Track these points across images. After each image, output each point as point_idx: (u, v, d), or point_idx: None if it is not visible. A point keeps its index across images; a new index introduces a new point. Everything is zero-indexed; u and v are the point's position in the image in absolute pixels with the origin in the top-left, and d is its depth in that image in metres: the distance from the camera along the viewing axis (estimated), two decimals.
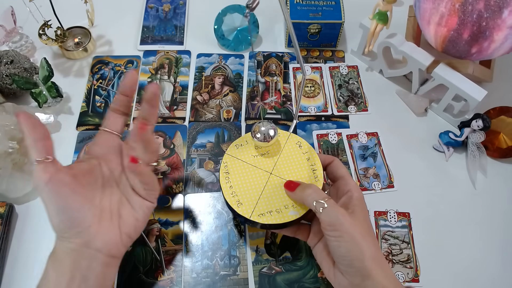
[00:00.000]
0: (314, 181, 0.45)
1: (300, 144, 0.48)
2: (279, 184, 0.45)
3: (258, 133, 0.45)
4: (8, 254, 0.50)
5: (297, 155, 0.47)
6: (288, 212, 0.43)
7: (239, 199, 0.44)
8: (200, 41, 0.69)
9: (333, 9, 0.64)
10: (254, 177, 0.46)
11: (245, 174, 0.46)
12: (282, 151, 0.47)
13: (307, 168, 0.46)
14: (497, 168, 0.58)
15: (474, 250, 0.51)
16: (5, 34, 0.64)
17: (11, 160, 0.52)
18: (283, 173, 0.46)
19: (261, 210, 0.43)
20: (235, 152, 0.47)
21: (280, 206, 0.44)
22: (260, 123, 0.45)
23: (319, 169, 0.46)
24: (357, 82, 0.65)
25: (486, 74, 0.59)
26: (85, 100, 0.62)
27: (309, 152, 0.47)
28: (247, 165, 0.46)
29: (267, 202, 0.44)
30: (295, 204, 0.44)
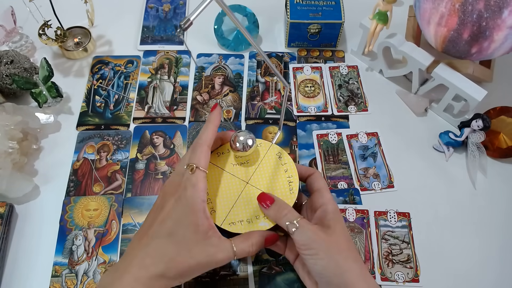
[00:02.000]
0: (289, 193, 0.46)
1: (280, 155, 0.48)
2: (253, 194, 0.46)
3: (237, 143, 0.45)
4: (8, 254, 0.50)
5: (276, 166, 0.48)
6: (258, 223, 0.44)
7: (213, 207, 0.45)
8: (200, 41, 0.69)
9: (333, 9, 0.64)
10: (230, 185, 0.46)
11: (222, 182, 0.46)
12: (261, 161, 0.48)
13: (284, 180, 0.46)
14: (497, 168, 0.58)
15: (474, 250, 0.51)
16: (5, 34, 0.64)
17: (11, 160, 0.52)
18: (259, 183, 0.47)
19: (233, 219, 0.44)
20: (215, 160, 0.48)
21: (252, 216, 0.44)
22: (239, 133, 0.46)
23: (295, 181, 0.46)
24: (357, 82, 0.65)
25: (486, 74, 0.59)
26: (85, 100, 0.62)
27: (288, 163, 0.48)
28: (225, 173, 0.47)
29: (240, 212, 0.45)
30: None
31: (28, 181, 0.54)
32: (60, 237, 0.51)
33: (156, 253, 0.38)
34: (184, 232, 0.39)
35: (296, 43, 0.68)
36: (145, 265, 0.38)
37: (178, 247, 0.39)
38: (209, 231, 0.40)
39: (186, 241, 0.39)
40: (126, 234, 0.51)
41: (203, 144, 0.43)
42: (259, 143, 0.49)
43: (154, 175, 0.56)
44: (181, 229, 0.39)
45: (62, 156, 0.57)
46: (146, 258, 0.38)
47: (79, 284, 0.48)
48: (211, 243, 0.40)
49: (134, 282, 0.37)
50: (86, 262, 0.49)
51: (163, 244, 0.39)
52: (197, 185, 0.40)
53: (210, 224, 0.40)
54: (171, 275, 0.38)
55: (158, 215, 0.41)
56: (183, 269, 0.39)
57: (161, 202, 0.42)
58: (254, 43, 0.38)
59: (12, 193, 0.52)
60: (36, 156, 0.57)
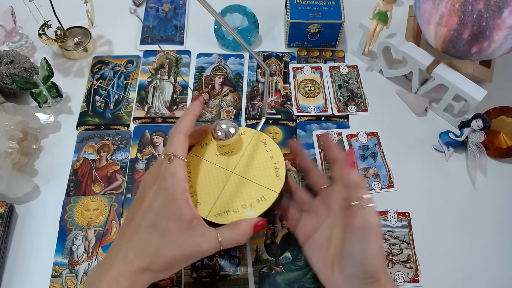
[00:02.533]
0: (275, 180, 0.45)
1: (265, 142, 0.47)
2: (239, 184, 0.44)
3: (218, 131, 0.44)
4: (8, 254, 0.50)
5: (261, 153, 0.46)
6: (245, 211, 0.43)
7: (198, 199, 0.44)
8: (200, 41, 0.69)
9: (333, 9, 0.64)
10: (215, 176, 0.45)
11: (206, 174, 0.45)
12: (246, 149, 0.47)
13: (270, 167, 0.45)
14: (497, 168, 0.58)
15: (474, 250, 0.51)
16: (5, 34, 0.64)
17: (11, 160, 0.52)
18: (245, 172, 0.45)
19: (218, 210, 0.43)
20: (198, 151, 0.47)
21: (238, 206, 0.43)
22: (221, 121, 0.44)
23: (282, 167, 0.45)
24: (357, 82, 0.65)
25: (486, 74, 0.59)
26: (85, 100, 0.62)
27: (274, 150, 0.47)
28: (209, 164, 0.46)
29: (226, 202, 0.43)
30: (253, 204, 0.43)
31: (28, 181, 0.54)
32: (60, 237, 0.51)
33: (140, 247, 0.38)
34: (167, 223, 0.38)
35: (296, 43, 0.68)
36: (129, 260, 0.37)
37: (162, 239, 0.38)
38: (193, 221, 0.39)
39: (170, 232, 0.38)
40: None
41: (179, 133, 0.42)
42: (243, 131, 0.48)
43: None
44: (164, 220, 0.38)
45: (62, 156, 0.57)
46: (130, 252, 0.38)
47: (79, 284, 0.48)
48: (196, 233, 0.39)
49: (119, 277, 0.36)
50: (86, 262, 0.49)
51: (146, 236, 0.38)
52: (176, 174, 0.39)
53: (194, 213, 0.40)
54: (156, 267, 0.37)
55: (139, 207, 0.40)
56: (168, 261, 0.38)
57: (141, 194, 0.41)
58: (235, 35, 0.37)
59: (12, 193, 0.52)
60: (36, 156, 0.57)
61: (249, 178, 0.45)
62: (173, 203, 0.38)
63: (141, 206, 0.40)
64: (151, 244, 0.38)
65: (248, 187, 0.44)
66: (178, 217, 0.38)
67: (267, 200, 0.43)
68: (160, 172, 0.40)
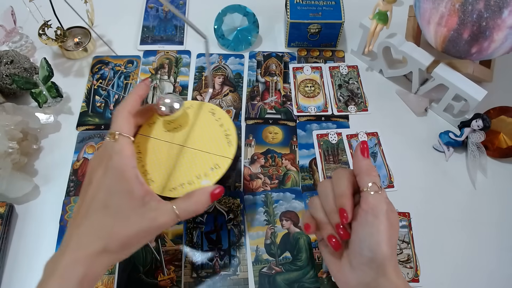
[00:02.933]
0: (227, 146, 0.44)
1: (214, 112, 0.47)
2: (191, 156, 0.44)
3: (161, 106, 0.43)
4: (8, 254, 0.50)
5: (210, 123, 0.46)
6: (200, 181, 0.42)
7: (151, 177, 0.43)
8: (200, 41, 0.69)
9: (333, 9, 0.64)
10: (165, 152, 0.44)
11: (156, 151, 0.44)
12: (195, 121, 0.46)
13: (221, 135, 0.45)
14: (497, 168, 0.58)
15: (474, 250, 0.51)
16: (5, 34, 0.64)
17: (11, 160, 0.52)
18: (196, 143, 0.45)
19: (173, 185, 0.42)
20: (147, 131, 0.46)
21: (192, 177, 0.42)
22: (164, 96, 0.43)
23: (233, 134, 0.45)
24: (357, 82, 0.65)
25: (486, 74, 0.59)
26: (85, 100, 0.62)
27: (223, 118, 0.46)
28: (159, 141, 0.45)
29: (180, 176, 0.43)
30: (207, 173, 0.42)
31: (28, 181, 0.54)
32: (60, 237, 0.51)
33: (92, 230, 0.36)
34: (119, 202, 0.37)
35: (296, 43, 0.69)
36: (82, 244, 0.36)
37: (115, 218, 0.36)
38: (145, 197, 0.38)
39: (122, 210, 0.37)
40: None
41: (123, 110, 0.41)
42: (190, 105, 0.47)
43: None
44: (115, 199, 0.37)
45: (62, 156, 0.57)
46: (82, 237, 0.36)
47: None
48: (150, 208, 0.38)
49: (74, 263, 0.35)
50: None
51: (98, 218, 0.37)
52: (122, 152, 0.38)
53: (146, 189, 0.39)
54: (113, 248, 0.36)
55: (87, 191, 0.38)
56: (125, 240, 0.36)
57: (88, 178, 0.39)
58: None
59: (12, 193, 0.52)
60: (36, 156, 0.57)
61: (200, 149, 0.44)
62: (123, 180, 0.37)
63: (89, 189, 0.38)
64: (104, 225, 0.36)
65: (200, 157, 0.44)
66: (130, 194, 0.37)
67: (221, 167, 0.43)
68: (105, 153, 0.39)
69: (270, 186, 0.55)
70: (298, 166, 0.57)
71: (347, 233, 0.39)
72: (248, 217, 0.53)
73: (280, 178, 0.56)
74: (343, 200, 0.39)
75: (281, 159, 0.58)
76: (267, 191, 0.55)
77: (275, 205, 0.54)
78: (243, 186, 0.55)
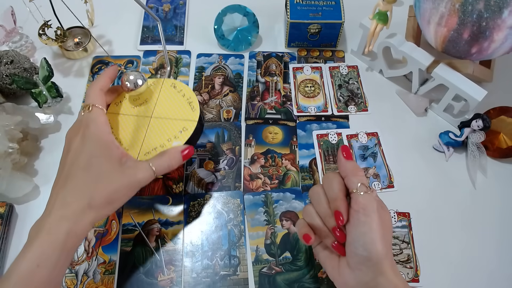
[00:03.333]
0: (191, 111, 0.48)
1: (175, 85, 0.51)
2: (160, 124, 0.48)
3: (126, 82, 0.47)
4: (8, 254, 0.50)
5: (173, 95, 0.50)
6: (172, 143, 0.46)
7: (125, 147, 0.47)
8: (200, 41, 0.69)
9: (333, 9, 0.64)
10: (136, 125, 0.48)
11: (127, 125, 0.48)
12: (159, 95, 0.50)
13: (184, 103, 0.49)
14: (497, 168, 0.58)
15: (474, 250, 0.51)
16: (5, 34, 0.64)
17: (11, 160, 0.52)
18: (163, 113, 0.49)
19: (147, 149, 0.46)
20: (115, 109, 0.50)
21: (163, 141, 0.46)
22: (128, 73, 0.47)
23: (195, 101, 0.49)
24: (357, 82, 0.65)
25: (486, 74, 0.59)
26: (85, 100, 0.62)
27: (184, 89, 0.50)
28: (128, 116, 0.49)
29: (151, 142, 0.47)
30: (177, 135, 0.47)
31: (28, 181, 0.54)
32: None
33: (76, 188, 0.39)
34: (99, 163, 0.40)
35: (296, 43, 0.69)
36: (67, 203, 0.38)
37: (97, 178, 0.39)
38: (122, 158, 0.42)
39: (103, 170, 0.40)
40: (126, 234, 0.51)
41: (95, 87, 0.45)
42: (152, 82, 0.51)
43: None
44: (95, 161, 0.40)
45: None
46: (67, 196, 0.38)
47: (79, 284, 0.48)
48: (128, 166, 0.41)
49: (59, 221, 0.37)
50: (86, 262, 0.49)
51: (81, 179, 0.39)
52: (98, 119, 0.42)
53: (122, 152, 0.43)
54: (97, 204, 0.38)
55: (66, 158, 0.41)
56: (108, 195, 0.39)
57: (67, 147, 0.43)
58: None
59: (12, 193, 0.52)
60: (36, 156, 0.57)
61: (167, 117, 0.48)
62: (100, 144, 0.41)
63: (68, 156, 0.41)
64: (87, 183, 0.39)
65: (168, 124, 0.48)
66: (108, 156, 0.41)
67: (188, 130, 0.47)
68: (81, 123, 0.42)
69: (270, 186, 0.56)
70: (298, 166, 0.57)
71: (343, 234, 0.40)
72: (248, 217, 0.53)
73: (280, 178, 0.56)
74: (337, 203, 0.40)
75: (281, 159, 0.58)
76: (267, 191, 0.55)
77: (275, 205, 0.54)
78: (243, 186, 0.55)
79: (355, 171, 0.41)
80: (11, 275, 0.35)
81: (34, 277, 0.35)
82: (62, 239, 0.36)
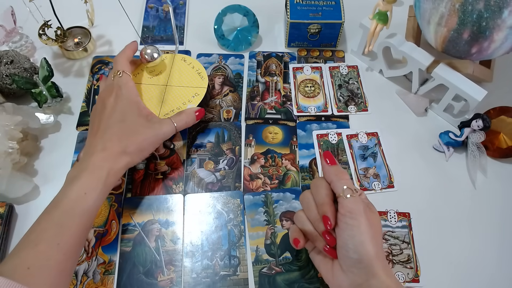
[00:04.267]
0: (201, 80, 0.58)
1: (185, 59, 0.61)
2: (175, 91, 0.57)
3: (146, 55, 0.56)
4: (8, 254, 0.50)
5: (184, 67, 0.60)
6: (186, 106, 0.56)
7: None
8: (200, 41, 0.69)
9: (333, 9, 0.64)
10: (154, 92, 0.57)
11: (146, 92, 0.57)
12: (171, 68, 0.60)
13: (194, 73, 0.59)
14: (497, 168, 0.58)
15: (474, 250, 0.51)
16: (5, 34, 0.64)
17: (11, 160, 0.52)
18: (176, 82, 0.58)
19: (165, 111, 0.55)
20: (134, 79, 0.57)
21: (180, 104, 0.56)
22: (146, 47, 0.57)
23: (203, 71, 0.59)
24: (357, 82, 0.65)
25: (486, 74, 0.59)
26: (85, 100, 0.62)
27: (193, 62, 0.60)
28: (146, 85, 0.58)
29: (169, 104, 0.56)
30: (190, 99, 0.56)
31: (28, 181, 0.54)
32: None
33: (114, 137, 0.46)
34: (131, 118, 0.48)
35: (296, 43, 0.69)
36: (107, 147, 0.45)
37: (130, 129, 0.47)
38: (149, 115, 0.51)
39: (135, 124, 0.48)
40: (126, 234, 0.51)
41: (123, 56, 0.53)
42: (165, 57, 0.60)
43: (154, 175, 0.56)
44: (128, 116, 0.48)
45: (62, 156, 0.57)
46: (107, 143, 0.46)
47: (78, 284, 0.48)
48: (154, 121, 0.50)
49: (101, 161, 0.44)
50: (86, 262, 0.49)
51: (117, 129, 0.47)
52: (128, 83, 0.50)
53: (148, 111, 0.52)
54: (131, 150, 0.46)
55: (102, 114, 0.48)
56: (140, 143, 0.47)
57: (101, 106, 0.49)
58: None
59: (12, 193, 0.52)
60: (36, 156, 0.57)
61: (181, 85, 0.58)
62: (132, 103, 0.49)
63: (104, 112, 0.48)
64: (123, 133, 0.47)
65: (182, 91, 0.57)
66: (139, 113, 0.49)
67: (199, 95, 0.57)
68: (113, 86, 0.50)
69: (270, 186, 0.55)
70: (298, 166, 0.57)
71: (333, 238, 0.40)
72: (248, 217, 0.53)
73: (280, 178, 0.56)
74: (324, 208, 0.40)
75: (281, 159, 0.58)
76: (267, 191, 0.55)
77: (275, 205, 0.54)
78: (243, 186, 0.55)
79: (339, 175, 0.41)
80: (61, 200, 0.41)
81: (81, 202, 0.41)
82: (104, 175, 0.43)
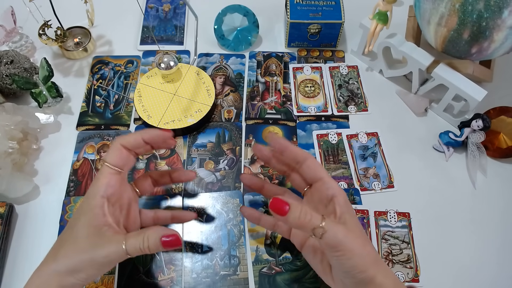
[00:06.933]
0: (208, 97, 0.59)
1: (198, 72, 0.62)
2: (180, 101, 0.59)
3: (162, 63, 0.58)
4: (8, 254, 0.50)
5: (195, 80, 0.61)
6: (187, 120, 0.57)
7: (149, 114, 0.58)
8: (200, 41, 0.69)
9: (333, 9, 0.65)
10: (161, 98, 0.59)
11: (154, 96, 0.59)
12: (184, 78, 0.61)
13: (203, 89, 0.60)
14: (497, 168, 0.58)
15: (474, 250, 0.51)
16: (5, 34, 0.64)
17: (11, 160, 0.52)
18: (184, 93, 0.59)
19: (166, 120, 0.56)
20: (146, 81, 0.61)
21: (181, 116, 0.57)
22: (163, 55, 0.58)
23: (212, 89, 0.60)
24: (357, 82, 0.65)
25: (486, 74, 0.59)
26: (85, 100, 0.62)
27: (205, 78, 0.61)
28: (155, 90, 0.59)
29: (171, 114, 0.57)
30: (192, 114, 0.57)
31: (28, 181, 0.54)
32: None
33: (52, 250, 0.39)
34: (79, 226, 0.39)
35: (296, 43, 0.69)
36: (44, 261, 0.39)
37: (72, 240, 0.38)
38: (103, 227, 0.39)
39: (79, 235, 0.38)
40: None
41: (117, 143, 0.42)
42: (181, 66, 0.61)
43: None
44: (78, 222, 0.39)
45: (62, 156, 0.57)
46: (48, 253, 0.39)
47: None
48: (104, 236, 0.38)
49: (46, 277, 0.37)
50: None
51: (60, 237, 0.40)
52: (99, 180, 0.40)
53: (106, 221, 0.39)
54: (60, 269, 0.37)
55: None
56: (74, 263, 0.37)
57: None
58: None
59: (12, 193, 0.52)
60: (36, 156, 0.57)
61: (187, 98, 0.59)
62: (87, 207, 0.39)
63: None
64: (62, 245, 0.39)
65: (187, 103, 0.58)
66: (89, 221, 0.39)
67: (202, 112, 0.58)
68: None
69: None
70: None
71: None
72: None
73: (280, 178, 0.56)
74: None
75: None
76: None
77: None
78: (243, 186, 0.55)
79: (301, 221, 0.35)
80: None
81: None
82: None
